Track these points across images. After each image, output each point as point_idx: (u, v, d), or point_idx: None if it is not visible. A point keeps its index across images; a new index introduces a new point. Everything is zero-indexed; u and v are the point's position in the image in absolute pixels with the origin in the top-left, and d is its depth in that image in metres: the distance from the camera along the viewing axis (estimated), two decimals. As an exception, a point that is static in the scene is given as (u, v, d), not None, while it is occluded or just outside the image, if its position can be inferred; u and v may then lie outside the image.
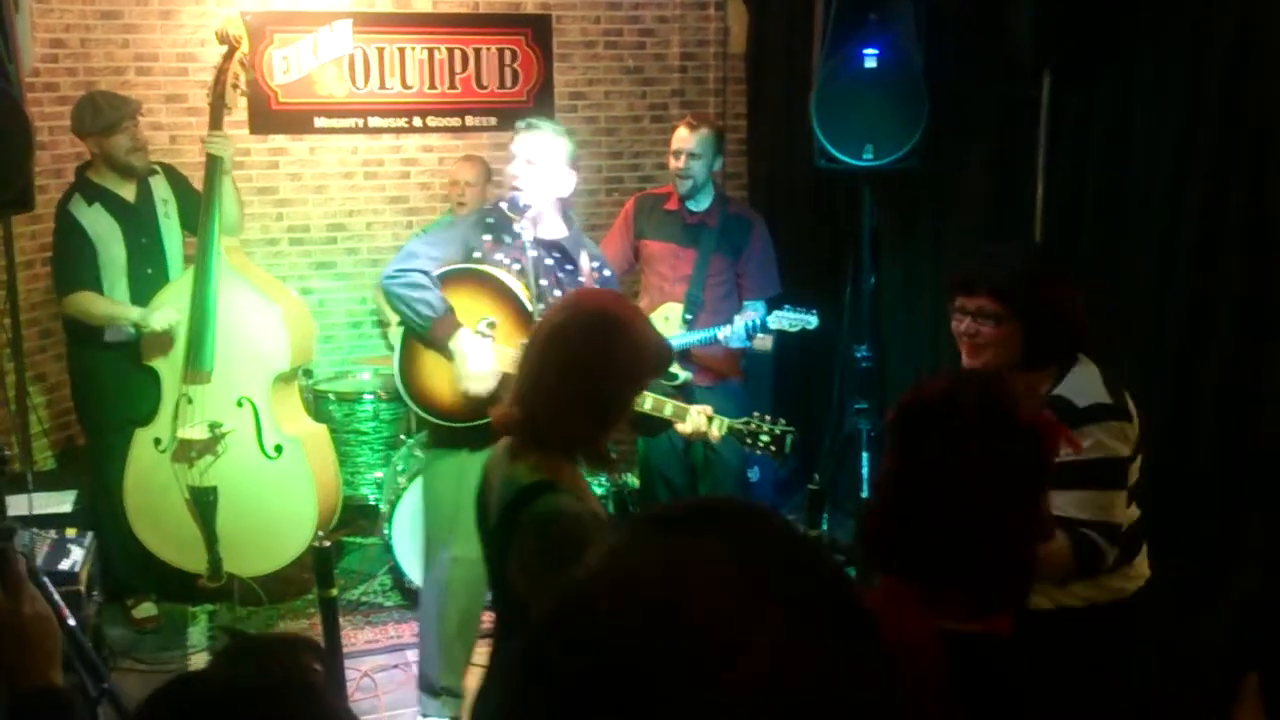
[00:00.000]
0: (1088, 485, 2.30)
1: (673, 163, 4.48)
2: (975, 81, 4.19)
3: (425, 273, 3.34)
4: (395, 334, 3.66)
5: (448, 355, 3.33)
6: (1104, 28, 3.59)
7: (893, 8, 4.09)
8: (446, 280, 3.38)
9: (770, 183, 5.73)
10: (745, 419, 2.98)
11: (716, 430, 2.98)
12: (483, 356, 3.31)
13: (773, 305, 4.26)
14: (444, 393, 3.42)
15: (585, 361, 1.96)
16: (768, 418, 2.98)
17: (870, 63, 4.08)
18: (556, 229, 3.47)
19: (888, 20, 4.09)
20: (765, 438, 2.93)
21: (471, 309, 3.38)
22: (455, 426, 3.43)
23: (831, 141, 4.13)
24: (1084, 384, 2.42)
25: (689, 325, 4.39)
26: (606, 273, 3.57)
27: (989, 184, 4.20)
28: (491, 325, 3.39)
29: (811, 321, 4.08)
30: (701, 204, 4.50)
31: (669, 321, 4.42)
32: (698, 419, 2.96)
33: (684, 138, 4.43)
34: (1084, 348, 2.46)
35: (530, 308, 3.34)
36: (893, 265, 4.70)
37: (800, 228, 5.24)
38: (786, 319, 4.12)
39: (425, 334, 3.34)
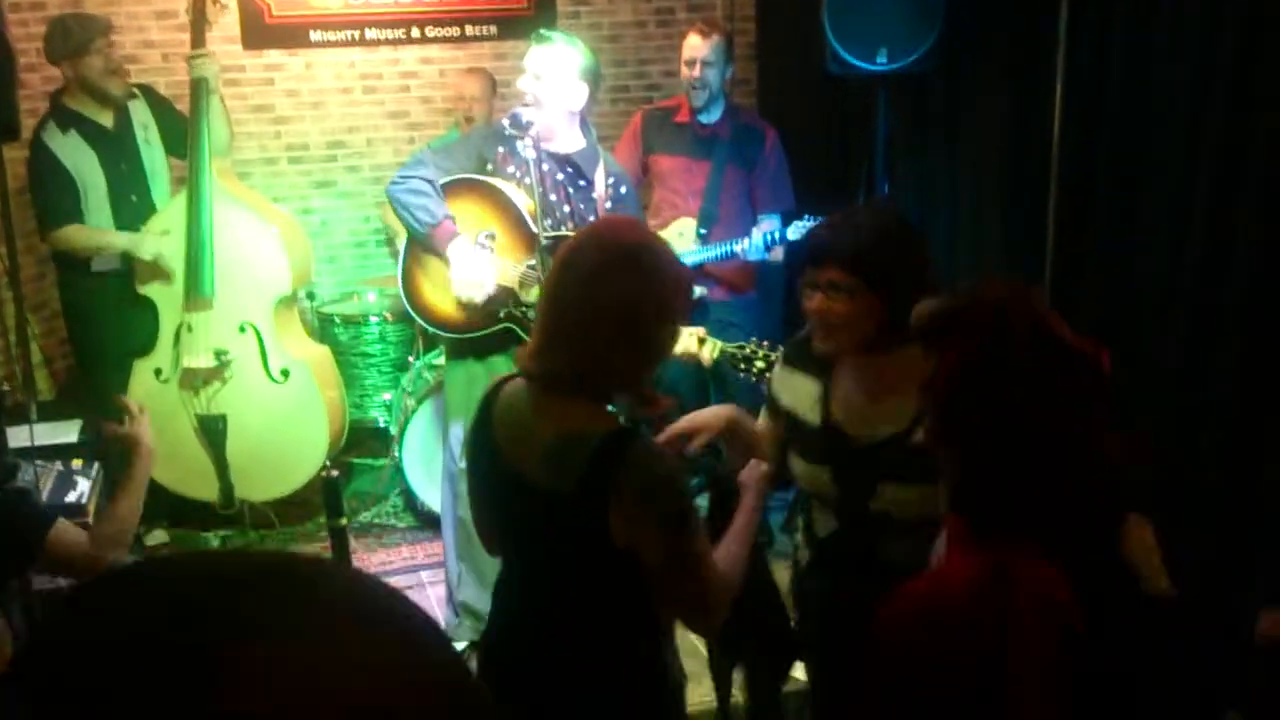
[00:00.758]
0: None
1: (685, 72, 4.33)
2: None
3: (429, 180, 3.29)
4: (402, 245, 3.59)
5: (445, 261, 3.29)
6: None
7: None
8: (449, 189, 3.34)
9: (780, 89, 5.57)
10: (740, 344, 2.89)
11: (708, 353, 2.90)
12: (477, 265, 3.26)
13: (787, 218, 4.15)
14: (447, 304, 3.38)
15: (629, 301, 1.84)
16: (765, 343, 2.87)
17: (885, -37, 3.91)
18: (570, 142, 3.37)
19: (903, -83, 3.91)
20: (760, 364, 2.84)
21: (473, 219, 3.33)
22: (460, 337, 3.42)
23: (844, 45, 3.98)
24: None
25: (703, 240, 4.29)
26: (623, 189, 3.48)
27: (1007, 89, 4.05)
28: (491, 237, 3.33)
29: (778, 254, 3.98)
30: (713, 115, 4.37)
31: (683, 237, 4.32)
32: (688, 341, 2.87)
33: (697, 45, 4.28)
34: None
35: (533, 225, 3.26)
36: (906, 174, 4.57)
37: (811, 135, 5.09)
38: (805, 230, 4.02)
39: (423, 239, 3.31)
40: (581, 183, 3.38)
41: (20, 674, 0.57)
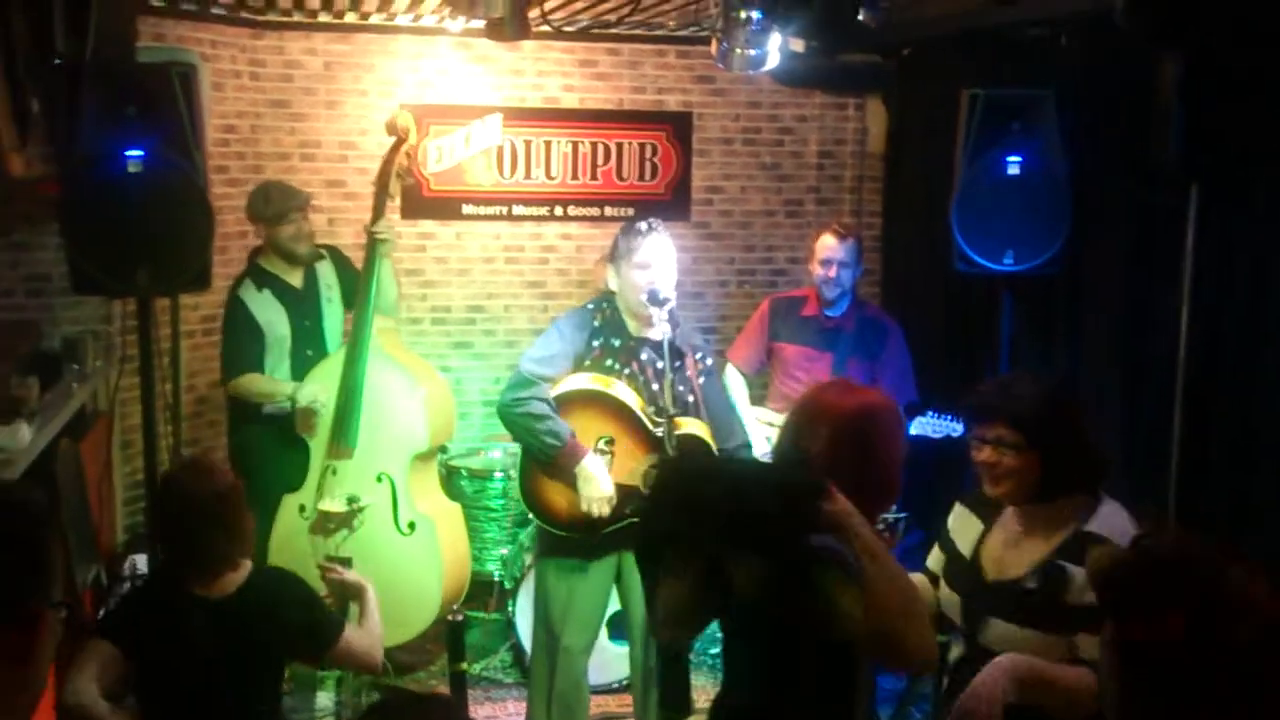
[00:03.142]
0: None
1: (819, 270, 4.51)
2: (1120, 190, 4.17)
3: (544, 400, 3.46)
4: None
5: (571, 480, 3.46)
6: (1258, 138, 3.56)
7: (1037, 116, 4.11)
8: (560, 403, 3.50)
9: (903, 282, 5.74)
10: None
11: None
12: (604, 481, 3.44)
13: (909, 411, 4.25)
14: (565, 506, 3.54)
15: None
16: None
17: (1013, 169, 4.10)
18: (661, 330, 3.49)
19: (1032, 127, 4.11)
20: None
21: (589, 428, 3.50)
22: (574, 537, 3.56)
23: (971, 245, 4.14)
24: (1118, 521, 2.37)
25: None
26: (708, 361, 3.68)
27: (1131, 293, 4.15)
28: (610, 443, 3.49)
29: (957, 429, 4.06)
30: (839, 308, 4.54)
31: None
32: None
33: (833, 246, 4.47)
34: (1101, 482, 2.42)
35: (646, 421, 3.43)
36: (1030, 371, 4.65)
37: (934, 329, 5.23)
38: (930, 425, 4.14)
39: (551, 461, 3.46)
40: (676, 364, 3.53)
41: None
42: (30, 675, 1.38)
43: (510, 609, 4.62)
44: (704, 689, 4.57)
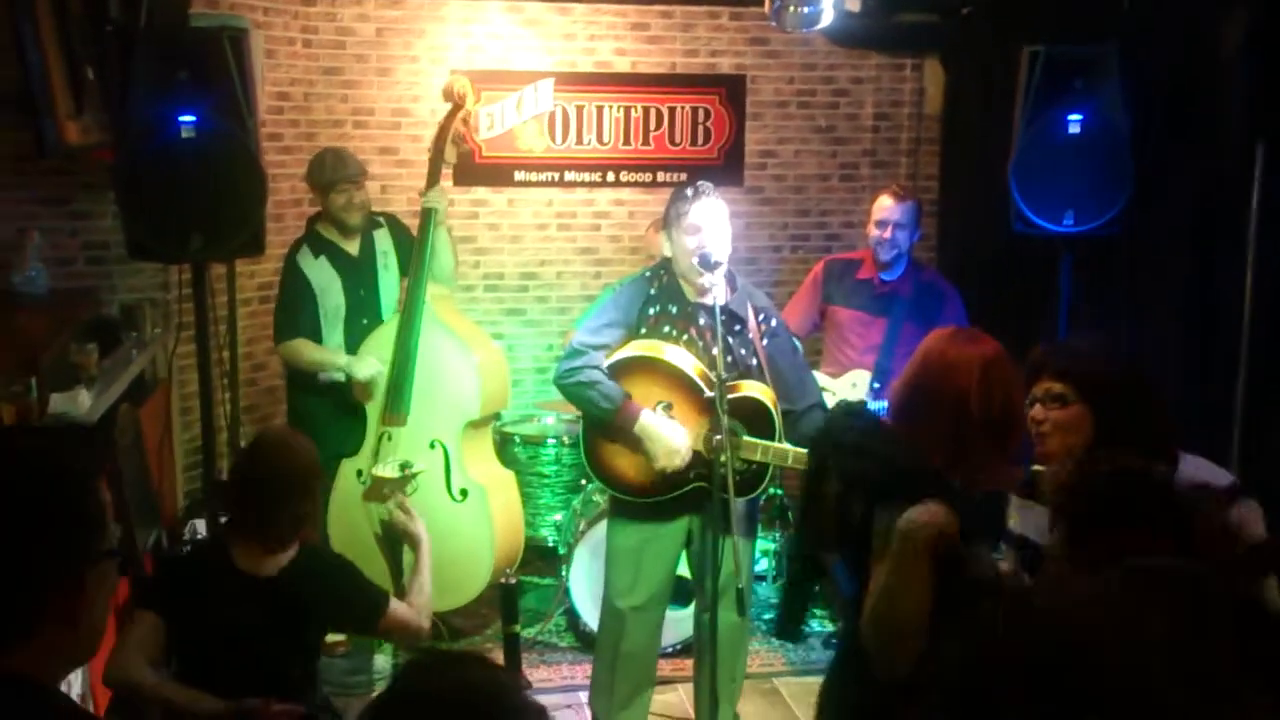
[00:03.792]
0: None
1: (875, 232, 4.45)
2: (1184, 151, 4.07)
3: (596, 367, 3.47)
4: None
5: (634, 441, 3.45)
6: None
7: (1099, 74, 4.01)
8: (617, 372, 3.50)
9: (961, 245, 5.65)
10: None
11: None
12: (672, 432, 3.42)
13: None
14: (629, 470, 3.54)
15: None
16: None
17: (1074, 128, 4.00)
18: (723, 294, 3.49)
19: (1093, 86, 4.01)
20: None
21: (645, 395, 3.49)
22: (650, 501, 3.57)
23: (1030, 206, 4.06)
24: (1207, 470, 2.31)
25: (876, 394, 4.35)
26: (773, 323, 3.64)
27: (1194, 256, 4.05)
28: (668, 408, 3.48)
29: None
30: (895, 272, 4.47)
31: (856, 389, 4.39)
32: None
33: (890, 207, 4.41)
34: (1169, 446, 2.31)
35: (702, 385, 3.40)
36: (1089, 335, 4.56)
37: (991, 293, 5.14)
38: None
39: (609, 424, 3.48)
40: (737, 327, 3.52)
41: None
42: (80, 635, 1.37)
43: (564, 574, 4.64)
44: (757, 653, 4.57)
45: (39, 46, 3.53)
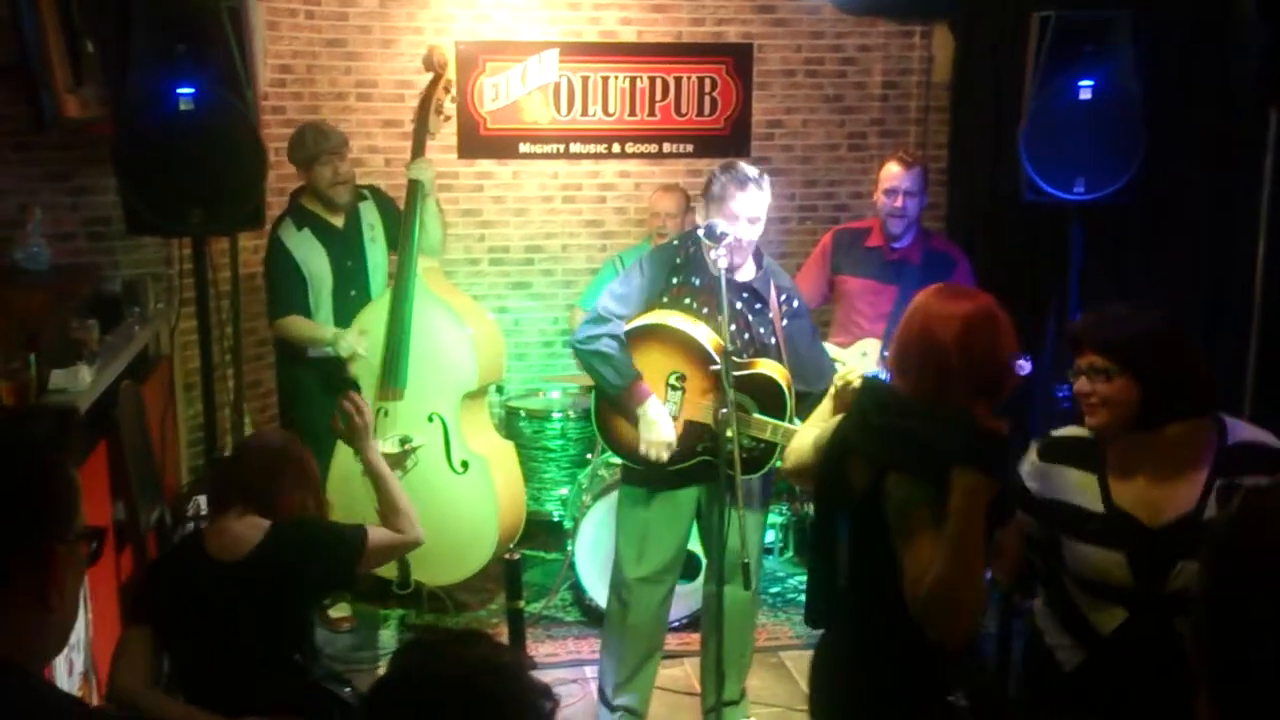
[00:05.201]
0: None
1: (883, 200, 4.41)
2: (1196, 116, 4.01)
3: (615, 337, 3.45)
4: None
5: (634, 420, 3.46)
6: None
7: (1111, 38, 3.94)
8: (634, 339, 3.48)
9: (970, 214, 5.59)
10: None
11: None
12: (664, 427, 3.43)
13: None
14: (634, 438, 3.52)
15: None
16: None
17: (1085, 94, 3.94)
18: (748, 271, 3.50)
19: (1105, 51, 3.95)
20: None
21: (661, 364, 3.48)
22: (643, 469, 3.54)
23: (1041, 174, 4.01)
24: (1254, 431, 2.30)
25: (887, 362, 4.32)
26: (795, 303, 3.59)
27: (1206, 223, 4.00)
28: (681, 379, 3.46)
29: (1025, 367, 3.95)
30: (904, 240, 4.43)
31: (866, 358, 4.36)
32: None
33: (898, 174, 4.36)
34: (1212, 405, 2.31)
35: (716, 358, 3.35)
36: (1099, 304, 4.51)
37: (1001, 262, 5.09)
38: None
39: (615, 399, 3.48)
40: (758, 305, 3.49)
41: None
42: (54, 617, 1.34)
43: (570, 548, 4.62)
44: (764, 627, 4.56)
45: (37, 18, 3.50)
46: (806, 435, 2.66)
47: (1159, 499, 2.28)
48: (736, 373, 3.30)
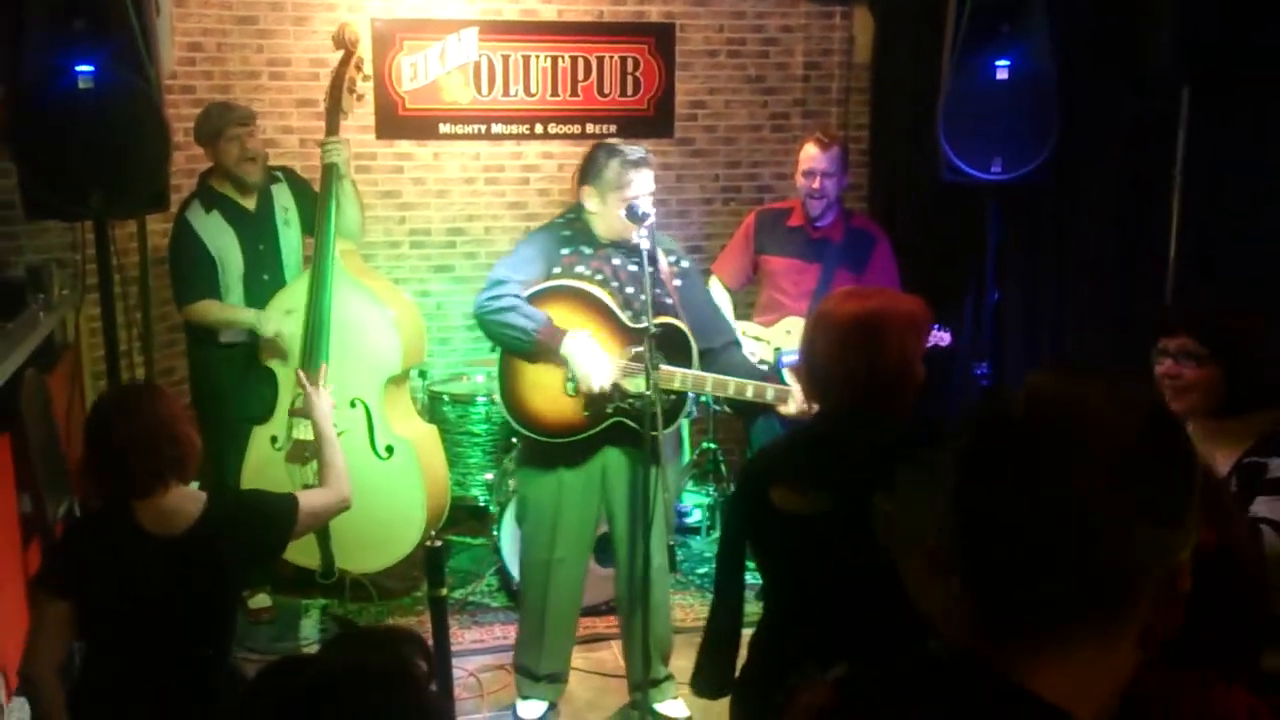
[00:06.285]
0: None
1: (803, 181, 4.42)
2: (1110, 96, 4.06)
3: (515, 295, 3.39)
4: None
5: (559, 361, 3.37)
6: (1247, 41, 3.44)
7: (1027, 19, 3.97)
8: (536, 300, 3.43)
9: (891, 195, 5.63)
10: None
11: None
12: (595, 353, 3.36)
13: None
14: (546, 408, 3.48)
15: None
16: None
17: (1002, 74, 3.97)
18: (634, 235, 3.46)
19: (1021, 31, 3.98)
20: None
21: (565, 323, 3.43)
22: (555, 443, 3.51)
23: (958, 154, 4.03)
24: None
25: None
26: (685, 264, 3.62)
27: (1121, 201, 4.06)
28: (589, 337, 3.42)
29: (944, 339, 3.99)
30: (826, 219, 4.45)
31: (791, 335, 4.37)
32: (802, 402, 3.08)
33: (815, 156, 4.37)
34: None
35: (622, 316, 3.37)
36: (1016, 282, 4.57)
37: (921, 241, 5.13)
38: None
39: (531, 347, 3.39)
40: (651, 269, 3.47)
41: None
42: None
43: (495, 533, 4.58)
44: (690, 608, 4.56)
45: (-77, -7, 3.35)
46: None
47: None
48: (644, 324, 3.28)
